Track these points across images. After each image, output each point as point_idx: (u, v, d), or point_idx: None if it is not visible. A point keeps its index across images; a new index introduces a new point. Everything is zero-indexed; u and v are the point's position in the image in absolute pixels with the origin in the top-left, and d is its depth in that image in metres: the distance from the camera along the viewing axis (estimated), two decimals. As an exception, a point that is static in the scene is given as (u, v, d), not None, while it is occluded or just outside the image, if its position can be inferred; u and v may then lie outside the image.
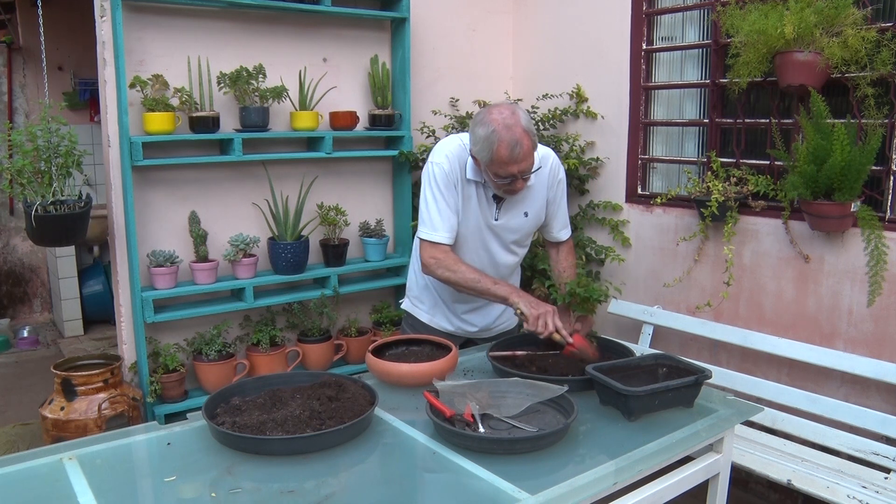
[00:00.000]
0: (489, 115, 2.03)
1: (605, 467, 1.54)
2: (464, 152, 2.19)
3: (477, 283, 2.14)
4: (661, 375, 1.92)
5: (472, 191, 2.21)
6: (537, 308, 2.05)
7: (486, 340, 2.43)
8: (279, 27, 3.38)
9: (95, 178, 5.31)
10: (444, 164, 2.18)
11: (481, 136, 2.02)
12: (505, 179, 2.06)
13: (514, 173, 2.04)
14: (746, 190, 2.91)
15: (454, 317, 2.41)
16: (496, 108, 2.05)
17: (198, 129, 3.11)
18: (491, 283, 2.14)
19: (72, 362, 3.07)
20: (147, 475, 1.57)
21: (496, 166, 2.04)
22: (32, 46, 5.20)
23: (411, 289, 2.50)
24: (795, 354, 2.76)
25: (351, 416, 1.64)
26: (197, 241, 3.22)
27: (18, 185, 2.80)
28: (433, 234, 2.18)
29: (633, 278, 3.48)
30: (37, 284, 5.63)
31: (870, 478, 2.44)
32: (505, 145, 1.99)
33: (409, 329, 2.48)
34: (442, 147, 2.22)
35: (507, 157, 2.00)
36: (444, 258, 2.17)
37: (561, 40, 3.77)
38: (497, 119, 2.01)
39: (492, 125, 2.00)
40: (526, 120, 2.03)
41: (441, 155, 2.20)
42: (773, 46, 2.63)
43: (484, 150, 2.03)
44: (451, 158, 2.18)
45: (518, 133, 1.99)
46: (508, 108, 2.04)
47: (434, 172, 2.19)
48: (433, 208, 2.18)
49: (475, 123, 2.06)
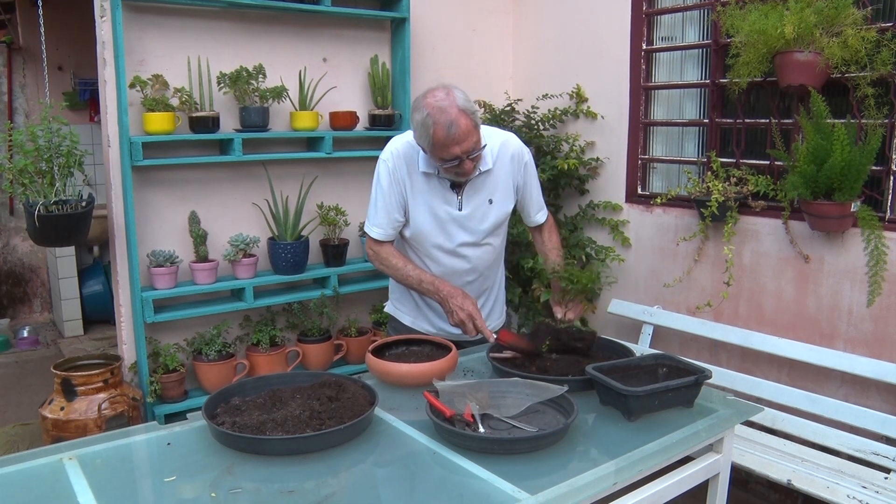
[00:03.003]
0: (423, 100, 2.01)
1: (605, 467, 1.53)
2: (412, 148, 2.18)
3: (405, 278, 2.22)
4: (661, 375, 1.92)
5: (424, 184, 2.19)
6: (460, 311, 2.10)
7: (472, 343, 2.39)
8: (279, 27, 3.39)
9: (95, 178, 5.31)
10: (388, 160, 2.20)
11: (418, 123, 2.01)
12: (451, 162, 2.03)
13: (458, 154, 2.01)
14: (746, 190, 2.91)
15: (436, 319, 2.37)
16: (430, 93, 2.02)
17: (198, 129, 3.11)
18: (417, 281, 2.20)
19: (72, 362, 3.07)
20: (147, 475, 1.57)
21: (438, 150, 2.01)
22: (32, 46, 5.20)
23: (393, 292, 2.49)
24: (795, 354, 2.77)
25: (351, 416, 1.64)
26: (197, 241, 3.22)
27: (20, 185, 2.81)
28: (372, 230, 2.25)
29: (633, 278, 3.48)
30: (37, 284, 5.63)
31: (870, 478, 2.44)
32: (441, 127, 1.96)
33: (393, 332, 2.46)
34: (390, 144, 2.24)
35: (444, 138, 1.97)
36: (380, 250, 2.25)
37: (561, 40, 3.78)
38: (430, 103, 1.99)
39: (425, 109, 1.99)
40: (463, 99, 2.00)
41: (387, 152, 2.22)
42: (773, 46, 2.63)
43: (423, 137, 2.02)
44: (396, 155, 2.19)
45: (453, 114, 1.96)
46: (443, 90, 2.01)
47: (379, 170, 2.22)
48: (372, 204, 2.24)
49: (412, 111, 2.05)
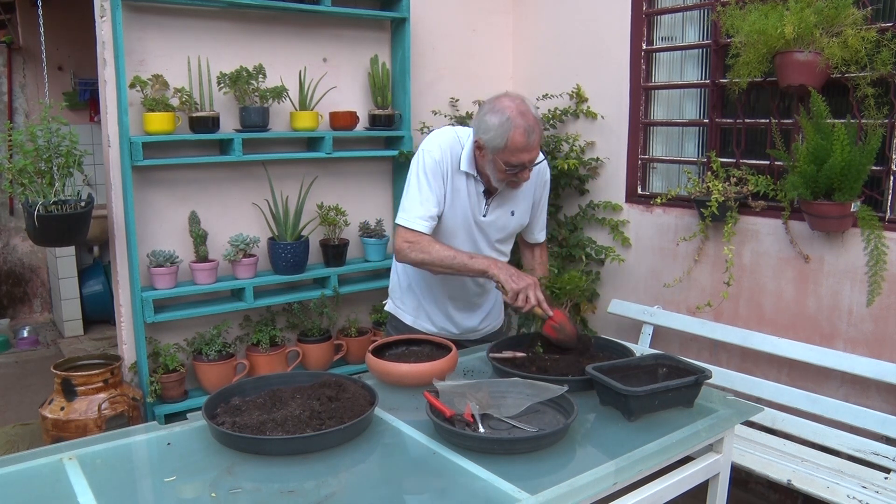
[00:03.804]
0: (501, 103, 2.03)
1: (605, 467, 1.53)
2: (457, 144, 2.18)
3: (453, 259, 2.08)
4: (661, 375, 1.92)
5: (462, 183, 2.19)
6: (517, 282, 2.01)
7: (473, 343, 2.41)
8: (279, 27, 3.39)
9: (95, 178, 5.31)
10: (435, 152, 2.16)
11: (494, 124, 2.01)
12: (514, 168, 2.06)
13: (525, 161, 2.04)
14: (746, 190, 2.91)
15: (438, 318, 2.38)
16: (506, 97, 2.04)
17: (198, 129, 3.11)
18: (467, 257, 2.09)
19: (72, 362, 3.07)
20: (147, 475, 1.57)
21: (508, 154, 2.03)
22: (32, 46, 5.20)
23: (394, 290, 2.47)
24: (795, 354, 2.76)
25: (351, 416, 1.64)
26: (197, 241, 3.22)
27: (19, 185, 2.81)
28: (412, 221, 2.14)
29: (633, 278, 3.48)
30: (37, 284, 5.63)
31: (870, 478, 2.44)
32: (521, 131, 1.99)
33: (393, 331, 2.46)
34: (435, 137, 2.21)
35: (521, 143, 2.00)
36: (419, 240, 2.12)
37: (561, 40, 3.77)
38: (510, 106, 2.01)
39: (506, 112, 2.00)
40: (536, 111, 2.05)
41: (434, 143, 2.18)
42: (773, 46, 2.63)
43: (498, 138, 2.01)
44: (444, 148, 2.17)
45: (531, 120, 2.01)
46: (518, 97, 2.05)
47: (424, 160, 2.16)
48: (416, 195, 2.15)
49: (485, 112, 2.05)
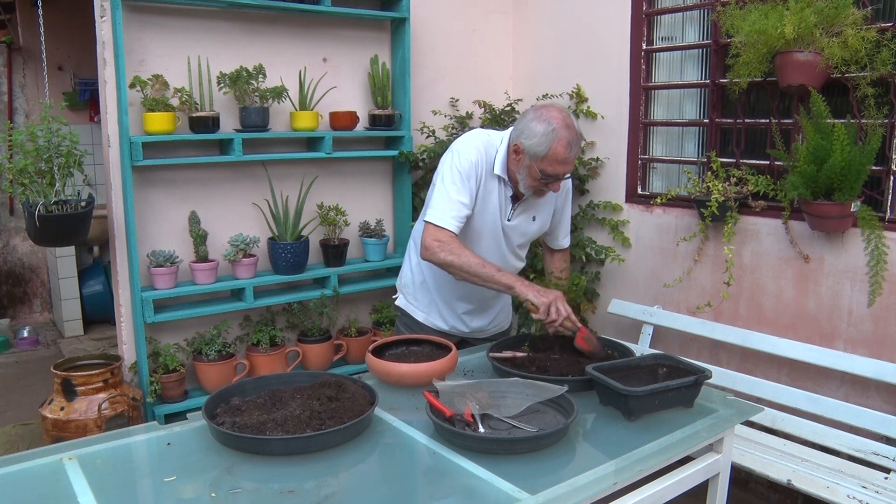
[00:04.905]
0: (549, 113, 2.08)
1: (605, 467, 1.53)
2: (491, 148, 2.21)
3: (481, 267, 2.09)
4: (661, 375, 1.92)
5: (494, 186, 2.22)
6: (546, 296, 2.04)
7: (481, 341, 2.43)
8: (279, 27, 3.38)
9: (95, 178, 5.31)
10: (471, 154, 2.18)
11: (539, 132, 2.06)
12: (548, 178, 2.11)
13: (560, 173, 2.10)
14: (746, 190, 2.91)
15: (450, 316, 2.40)
16: (554, 108, 2.10)
17: (198, 130, 3.11)
18: (495, 270, 2.11)
19: (72, 362, 3.07)
20: (147, 475, 1.57)
21: (547, 163, 2.08)
22: (32, 46, 5.20)
23: (406, 286, 2.48)
24: (795, 354, 2.76)
25: (351, 416, 1.64)
26: (197, 241, 3.22)
27: (19, 185, 2.81)
28: (443, 220, 2.14)
29: (633, 278, 3.48)
30: (37, 284, 5.63)
31: (870, 478, 2.44)
32: (564, 143, 2.05)
33: (403, 327, 2.47)
34: (471, 138, 2.23)
35: (563, 156, 2.06)
36: (450, 241, 2.12)
37: (561, 40, 3.77)
38: (558, 117, 2.07)
39: (553, 122, 2.06)
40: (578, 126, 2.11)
41: (470, 145, 2.20)
42: (773, 46, 2.63)
43: (541, 145, 2.06)
44: (480, 151, 2.20)
45: (574, 135, 2.08)
46: (565, 110, 2.12)
47: (459, 161, 2.17)
48: (448, 195, 2.15)
49: (531, 119, 2.10)
